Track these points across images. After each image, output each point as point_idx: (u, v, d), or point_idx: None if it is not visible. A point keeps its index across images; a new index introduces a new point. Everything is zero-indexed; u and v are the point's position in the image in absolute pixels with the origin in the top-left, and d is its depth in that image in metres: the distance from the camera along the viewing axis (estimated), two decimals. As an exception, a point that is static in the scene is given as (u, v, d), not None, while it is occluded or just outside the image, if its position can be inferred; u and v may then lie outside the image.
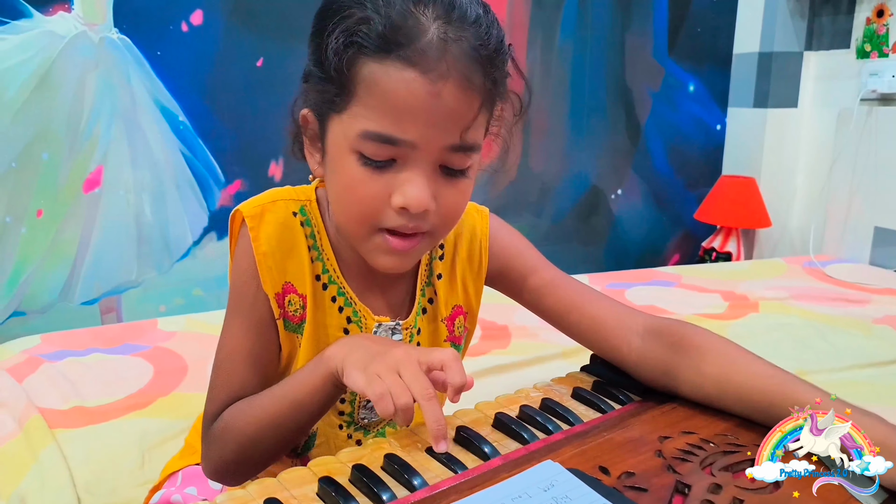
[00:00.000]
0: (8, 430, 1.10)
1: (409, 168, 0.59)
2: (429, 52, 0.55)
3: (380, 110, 0.57)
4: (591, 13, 2.49)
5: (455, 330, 0.79)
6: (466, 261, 0.79)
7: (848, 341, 1.63)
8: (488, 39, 0.58)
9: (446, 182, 0.61)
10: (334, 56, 0.57)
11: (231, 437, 0.66)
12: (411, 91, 0.56)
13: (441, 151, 0.59)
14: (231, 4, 1.93)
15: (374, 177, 0.59)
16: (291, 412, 0.63)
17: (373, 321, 0.73)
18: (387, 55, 0.56)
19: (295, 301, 0.71)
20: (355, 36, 0.56)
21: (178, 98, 1.92)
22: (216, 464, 0.68)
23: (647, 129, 2.71)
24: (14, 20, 1.71)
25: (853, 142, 2.40)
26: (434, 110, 0.57)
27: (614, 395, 0.71)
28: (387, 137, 0.57)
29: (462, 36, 0.56)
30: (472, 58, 0.57)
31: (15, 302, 1.81)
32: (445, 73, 0.56)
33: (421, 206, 0.59)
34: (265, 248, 0.68)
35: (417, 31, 0.56)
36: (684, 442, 0.60)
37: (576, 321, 0.77)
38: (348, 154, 0.60)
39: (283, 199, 0.71)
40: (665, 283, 2.10)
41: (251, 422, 0.65)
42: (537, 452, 0.59)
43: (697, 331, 0.72)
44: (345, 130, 0.59)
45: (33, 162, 1.78)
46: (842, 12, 2.51)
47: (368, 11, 0.56)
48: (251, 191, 2.03)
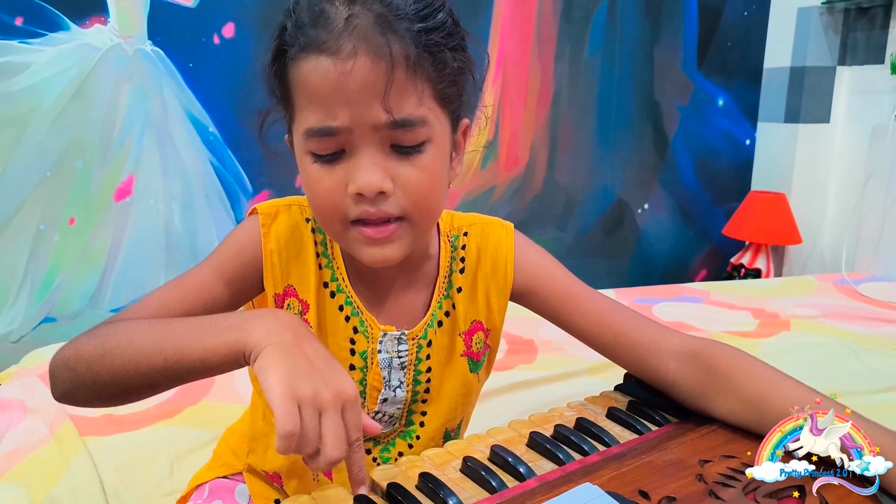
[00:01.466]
0: (40, 436, 1.11)
1: (355, 154, 0.60)
2: (334, 35, 0.57)
3: (311, 106, 0.59)
4: (620, 27, 2.48)
5: (473, 345, 0.77)
6: (490, 276, 0.77)
7: (883, 362, 1.59)
8: (399, 7, 0.58)
9: (400, 161, 0.61)
10: (269, 70, 0.62)
11: (100, 336, 0.61)
12: (325, 76, 0.57)
13: (379, 130, 0.59)
14: (262, 18, 1.95)
15: (328, 171, 0.61)
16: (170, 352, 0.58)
17: (378, 331, 0.72)
18: (302, 51, 0.58)
19: (294, 305, 0.71)
20: (279, 46, 0.60)
21: (208, 109, 1.95)
22: (67, 353, 0.62)
23: (675, 144, 2.69)
24: (52, 32, 1.75)
25: (888, 158, 2.36)
26: (350, 89, 0.57)
27: (650, 416, 0.70)
28: (322, 129, 0.59)
29: (368, 10, 0.57)
30: (378, 27, 0.57)
31: (46, 308, 1.84)
32: (352, 49, 0.57)
33: (372, 188, 0.59)
34: (273, 245, 0.70)
35: (324, 21, 0.57)
36: (725, 466, 0.59)
37: (611, 342, 0.75)
38: (304, 156, 0.62)
39: (300, 204, 0.72)
40: (693, 299, 2.08)
41: (127, 333, 0.60)
42: (574, 474, 0.58)
43: (734, 353, 0.70)
44: (297, 137, 0.62)
45: (67, 171, 1.81)
46: (876, 27, 2.48)
47: (286, 21, 0.60)
48: (279, 201, 2.05)
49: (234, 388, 1.33)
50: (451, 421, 0.78)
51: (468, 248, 0.76)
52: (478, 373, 0.79)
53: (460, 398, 0.78)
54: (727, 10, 2.65)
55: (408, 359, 0.73)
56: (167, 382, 0.61)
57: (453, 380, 0.77)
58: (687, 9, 2.59)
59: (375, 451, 0.75)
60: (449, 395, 0.77)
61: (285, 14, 0.61)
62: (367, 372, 0.72)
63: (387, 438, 0.77)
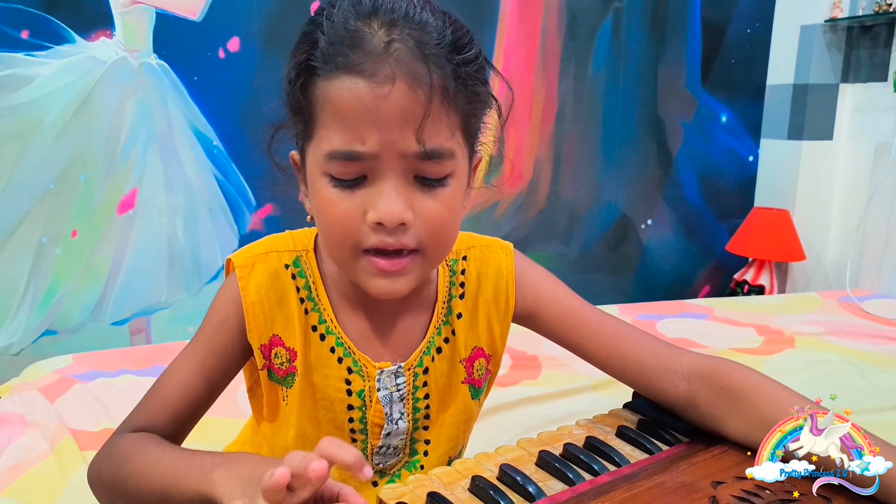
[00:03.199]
0: (40, 451, 1.10)
1: (378, 182, 0.58)
2: (372, 57, 0.55)
3: (337, 127, 0.57)
4: (625, 44, 2.49)
5: (474, 372, 0.76)
6: (492, 301, 0.75)
7: (889, 380, 1.58)
8: (439, 38, 0.57)
9: (423, 193, 0.59)
10: (291, 86, 0.59)
11: (114, 464, 0.63)
12: (359, 98, 0.55)
13: (406, 159, 0.57)
14: (267, 32, 1.96)
15: (347, 196, 0.58)
16: (160, 494, 0.58)
17: (374, 369, 0.70)
18: (334, 70, 0.56)
19: (281, 354, 0.69)
20: (307, 61, 0.57)
21: (213, 123, 1.95)
22: (94, 476, 0.66)
23: (678, 160, 2.69)
24: (57, 45, 1.75)
25: (891, 175, 2.36)
26: (385, 114, 0.55)
27: (660, 436, 0.69)
28: (348, 153, 0.57)
29: (408, 35, 0.56)
30: (419, 55, 0.56)
31: (47, 321, 1.83)
32: (391, 74, 0.55)
33: (393, 218, 0.57)
34: (254, 297, 0.68)
35: (360, 41, 0.55)
36: (739, 488, 0.58)
37: (619, 365, 0.74)
38: (320, 178, 0.59)
39: (277, 250, 0.70)
40: (697, 315, 2.06)
41: (133, 467, 0.61)
42: (585, 495, 0.57)
43: (747, 373, 0.69)
44: (314, 156, 0.59)
45: (71, 184, 1.80)
46: (879, 45, 2.49)
47: (317, 35, 0.57)
48: (282, 215, 2.04)
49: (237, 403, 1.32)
50: (454, 448, 0.78)
51: (468, 273, 0.75)
52: (479, 399, 0.78)
53: (461, 425, 0.77)
54: (730, 27, 2.67)
55: (406, 390, 0.72)
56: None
57: (454, 407, 0.76)
58: (691, 26, 2.60)
59: (382, 482, 0.75)
60: (450, 422, 0.76)
61: (314, 27, 0.58)
62: (367, 410, 0.71)
63: (392, 470, 0.76)
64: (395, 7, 0.57)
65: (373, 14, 0.56)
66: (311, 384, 0.70)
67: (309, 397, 0.70)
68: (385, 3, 0.57)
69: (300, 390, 0.70)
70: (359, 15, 0.56)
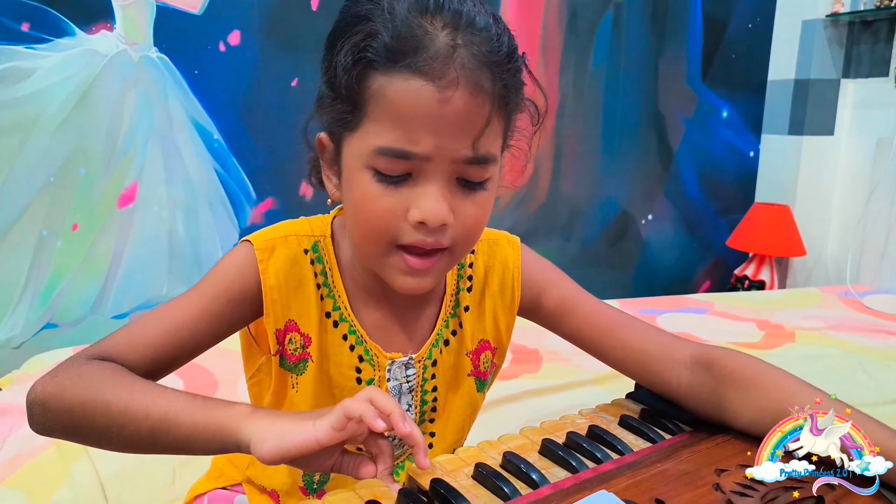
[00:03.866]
0: (41, 442, 1.10)
1: (424, 181, 0.57)
2: (437, 60, 0.54)
3: (391, 124, 0.56)
4: (625, 39, 2.49)
5: (480, 365, 0.77)
6: (498, 294, 0.76)
7: (889, 374, 1.59)
8: (499, 46, 0.57)
9: (464, 195, 0.59)
10: (344, 73, 0.56)
11: (90, 386, 0.58)
12: (421, 100, 0.54)
13: (456, 163, 0.57)
14: (268, 26, 1.95)
15: (390, 192, 0.58)
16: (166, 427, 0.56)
17: (385, 359, 0.71)
18: (394, 66, 0.54)
19: (296, 340, 0.69)
20: (363, 51, 0.55)
21: (213, 117, 1.94)
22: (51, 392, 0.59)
23: (679, 155, 2.69)
24: (58, 38, 1.74)
25: (892, 171, 2.36)
26: (445, 118, 0.55)
27: (663, 425, 0.69)
28: (400, 152, 0.56)
29: (471, 41, 0.55)
30: (482, 63, 0.55)
31: (48, 314, 1.83)
32: (454, 79, 0.54)
33: (438, 220, 0.57)
34: (273, 281, 0.67)
35: (425, 40, 0.54)
36: (742, 476, 0.58)
37: (621, 355, 0.74)
38: (363, 171, 0.58)
39: (296, 234, 0.69)
40: (697, 310, 2.07)
41: (120, 392, 0.58)
42: (588, 482, 0.57)
43: (749, 361, 0.69)
44: (358, 148, 0.58)
45: (71, 177, 1.80)
46: (881, 40, 2.48)
47: (376, 26, 0.55)
48: (282, 209, 2.04)
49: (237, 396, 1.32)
50: (459, 441, 0.78)
51: (475, 267, 0.75)
52: (484, 391, 0.78)
53: (467, 417, 0.78)
54: (732, 22, 2.66)
55: (415, 381, 0.72)
56: (146, 449, 0.60)
57: (460, 399, 0.76)
58: (692, 21, 2.59)
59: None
60: (456, 414, 0.76)
61: (370, 14, 0.56)
62: None
63: (397, 461, 0.76)
64: (457, 8, 0.56)
65: (436, 13, 0.55)
66: (325, 372, 0.70)
67: (321, 385, 0.70)
68: (447, 3, 0.56)
69: (313, 378, 0.70)
70: (421, 11, 0.55)
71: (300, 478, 0.75)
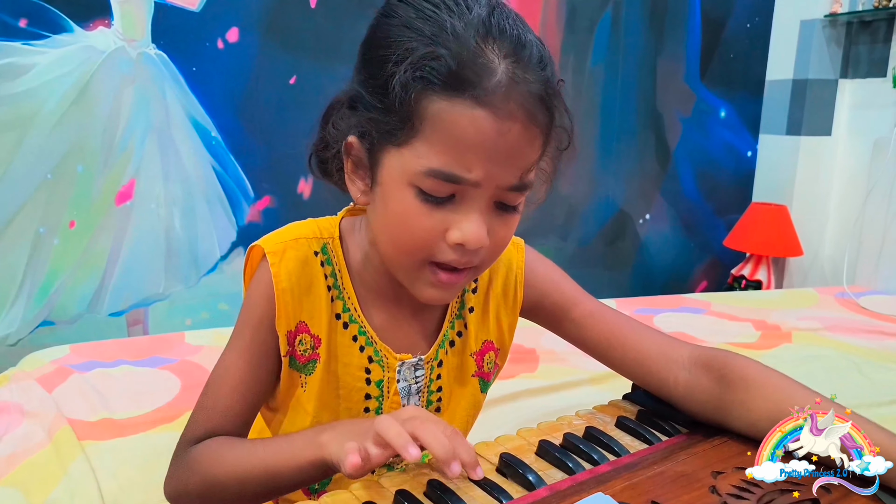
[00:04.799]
0: (38, 440, 1.10)
1: (467, 204, 0.58)
2: (498, 92, 0.55)
3: (446, 148, 0.56)
4: (624, 38, 2.49)
5: (484, 365, 0.77)
6: (501, 295, 0.77)
7: (886, 375, 1.59)
8: (552, 81, 0.58)
9: (499, 217, 0.61)
10: (401, 90, 0.56)
11: (199, 471, 0.65)
12: (480, 130, 0.55)
13: (500, 189, 0.59)
14: (266, 23, 1.95)
15: (431, 211, 0.58)
16: (265, 477, 0.62)
17: (395, 360, 0.71)
18: (456, 93, 0.55)
19: (306, 341, 0.69)
20: (424, 71, 0.55)
21: (211, 114, 1.94)
22: (178, 489, 0.67)
23: (676, 155, 2.69)
24: (55, 34, 1.74)
25: (889, 171, 2.36)
26: (500, 149, 0.56)
27: (660, 426, 0.69)
28: (452, 176, 0.56)
29: (528, 78, 0.56)
30: (538, 99, 0.57)
31: (45, 311, 1.82)
32: (513, 112, 0.55)
33: (479, 244, 0.59)
34: (285, 284, 0.67)
35: (487, 70, 0.55)
36: (738, 478, 0.58)
37: (619, 356, 0.75)
38: (406, 187, 0.58)
39: (306, 237, 0.70)
40: (694, 309, 2.07)
41: (223, 467, 0.64)
42: (585, 484, 0.57)
43: (747, 363, 0.70)
44: (404, 164, 0.58)
45: (68, 174, 1.80)
46: (879, 41, 2.48)
47: (439, 49, 0.55)
48: (280, 207, 2.04)
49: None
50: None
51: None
52: (486, 392, 0.79)
53: (470, 418, 0.78)
54: (730, 21, 2.66)
55: (423, 382, 0.73)
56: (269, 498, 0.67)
57: (464, 400, 0.77)
58: (690, 20, 2.59)
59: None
60: (460, 415, 0.77)
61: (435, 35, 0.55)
62: (384, 401, 0.72)
63: (401, 462, 0.76)
64: (516, 34, 0.57)
65: (497, 38, 0.56)
66: (332, 372, 0.71)
67: (328, 385, 0.71)
68: (506, 29, 0.56)
69: (320, 378, 0.70)
70: (483, 35, 0.55)
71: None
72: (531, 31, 0.59)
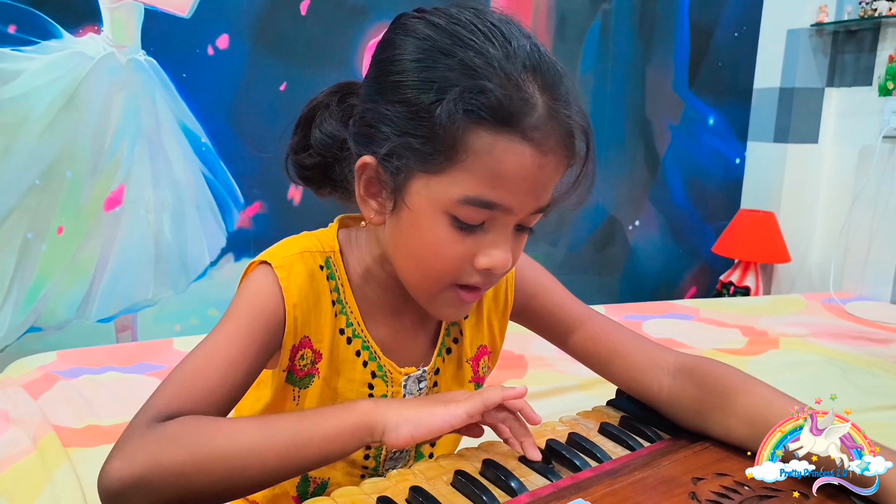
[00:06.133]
0: (23, 447, 1.10)
1: (496, 230, 0.60)
2: (539, 128, 0.56)
3: (486, 178, 0.57)
4: (613, 46, 2.50)
5: (479, 370, 0.78)
6: (492, 299, 0.78)
7: (871, 381, 1.60)
8: (585, 113, 0.60)
9: (517, 238, 0.62)
10: (447, 121, 0.55)
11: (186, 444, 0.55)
12: (523, 164, 0.56)
13: (526, 215, 0.60)
14: (257, 30, 1.95)
15: (463, 238, 0.59)
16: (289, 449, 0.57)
17: (399, 375, 0.71)
18: (503, 127, 0.55)
19: (307, 356, 0.69)
20: (471, 105, 0.55)
21: (201, 120, 1.94)
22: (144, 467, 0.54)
23: (665, 162, 2.71)
24: (44, 40, 1.74)
25: (875, 179, 2.38)
26: (537, 181, 0.58)
27: (642, 432, 0.70)
28: (489, 203, 0.58)
29: (566, 114, 0.58)
30: (572, 134, 0.59)
31: (32, 317, 1.82)
32: (552, 148, 0.57)
33: (506, 269, 0.61)
34: (296, 299, 0.66)
35: (530, 106, 0.56)
36: (718, 484, 0.58)
37: (605, 359, 0.76)
38: (439, 215, 0.59)
39: (311, 251, 0.69)
40: (683, 315, 2.08)
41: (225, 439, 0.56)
42: (566, 490, 0.58)
43: (729, 370, 0.70)
44: (439, 192, 0.58)
45: (57, 180, 1.79)
46: (864, 50, 2.51)
47: (487, 83, 0.55)
48: (270, 213, 2.04)
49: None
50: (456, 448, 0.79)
51: None
52: None
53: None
54: (718, 30, 2.69)
55: (424, 392, 0.73)
56: (272, 480, 0.58)
57: None
58: (678, 29, 2.61)
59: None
60: None
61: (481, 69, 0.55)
62: None
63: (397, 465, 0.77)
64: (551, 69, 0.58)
65: (535, 72, 0.57)
66: (332, 388, 0.70)
67: (328, 401, 0.70)
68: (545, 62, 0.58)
69: (318, 393, 0.69)
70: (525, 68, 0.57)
71: (293, 487, 0.75)
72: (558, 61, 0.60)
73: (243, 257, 2.02)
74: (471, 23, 0.58)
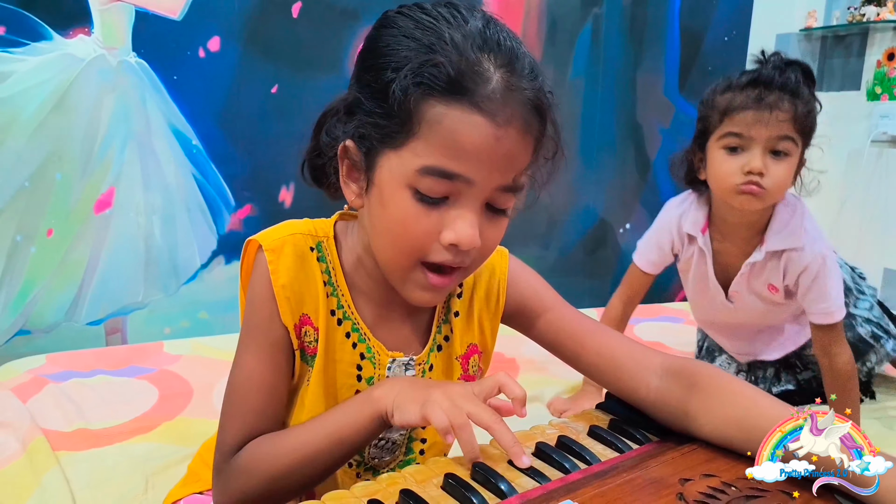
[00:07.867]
0: (11, 451, 1.09)
1: (460, 205, 0.61)
2: (494, 99, 0.58)
3: (443, 148, 0.58)
4: (604, 51, 2.51)
5: (469, 368, 0.79)
6: (484, 300, 0.79)
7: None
8: (543, 90, 0.61)
9: (489, 220, 0.63)
10: (401, 94, 0.58)
11: (261, 470, 0.65)
12: (477, 134, 0.58)
13: (492, 191, 0.61)
14: (248, 32, 1.95)
15: (427, 213, 0.60)
16: (331, 447, 0.65)
17: (386, 357, 0.73)
18: (454, 98, 0.58)
19: (310, 333, 0.71)
20: (424, 77, 0.58)
21: (192, 122, 1.94)
22: (236, 497, 0.67)
23: (656, 165, 2.72)
24: (34, 42, 1.73)
25: (863, 183, 2.41)
26: (495, 153, 0.59)
27: (632, 435, 0.70)
28: (446, 172, 0.59)
29: (523, 86, 0.60)
30: (532, 107, 0.60)
31: (21, 320, 1.81)
32: (508, 119, 0.59)
33: (471, 244, 0.61)
34: (284, 280, 0.69)
35: (483, 78, 0.58)
36: (706, 485, 0.59)
37: (593, 361, 0.77)
38: (402, 189, 0.60)
39: (302, 233, 0.72)
40: (673, 318, 2.09)
41: (285, 456, 0.65)
42: (555, 492, 0.58)
43: (716, 372, 0.71)
44: (401, 165, 0.60)
45: (46, 182, 1.78)
46: (853, 55, 2.53)
47: (439, 56, 0.58)
48: (261, 216, 2.03)
49: (212, 404, 1.31)
50: (448, 447, 0.80)
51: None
52: None
53: None
54: (708, 34, 2.70)
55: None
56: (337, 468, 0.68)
57: None
58: (669, 34, 2.63)
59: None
60: None
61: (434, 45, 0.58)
62: None
63: (387, 468, 0.77)
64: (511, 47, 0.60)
65: (492, 51, 0.59)
66: (328, 373, 0.72)
67: (323, 381, 0.72)
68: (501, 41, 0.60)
69: (319, 372, 0.72)
70: (479, 47, 0.59)
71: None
72: (523, 44, 0.62)
73: (234, 260, 2.02)
74: (438, 12, 0.61)
